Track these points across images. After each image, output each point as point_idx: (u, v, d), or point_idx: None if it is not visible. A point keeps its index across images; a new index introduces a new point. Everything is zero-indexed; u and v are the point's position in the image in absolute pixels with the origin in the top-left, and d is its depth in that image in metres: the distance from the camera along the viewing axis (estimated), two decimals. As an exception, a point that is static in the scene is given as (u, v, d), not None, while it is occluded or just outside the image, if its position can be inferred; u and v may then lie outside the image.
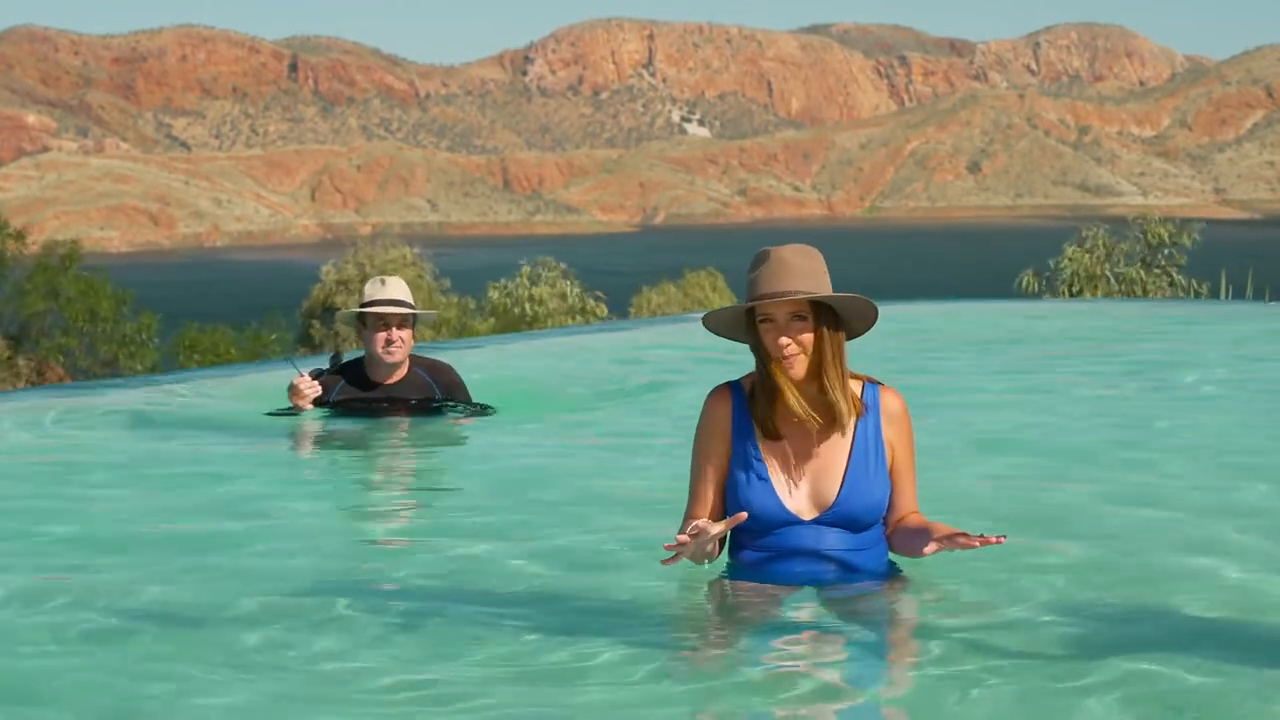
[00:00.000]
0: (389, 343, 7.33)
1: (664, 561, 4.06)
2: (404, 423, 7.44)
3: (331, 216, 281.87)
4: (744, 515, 4.08)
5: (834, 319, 4.20)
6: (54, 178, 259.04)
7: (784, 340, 4.14)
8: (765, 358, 4.19)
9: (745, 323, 4.24)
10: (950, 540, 4.04)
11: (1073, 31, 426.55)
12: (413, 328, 7.43)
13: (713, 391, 4.32)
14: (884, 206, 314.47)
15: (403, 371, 7.48)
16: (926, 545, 4.11)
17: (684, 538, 3.99)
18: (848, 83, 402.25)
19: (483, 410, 7.68)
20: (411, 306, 7.37)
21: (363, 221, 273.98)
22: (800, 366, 4.16)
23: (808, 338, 4.16)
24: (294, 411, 7.52)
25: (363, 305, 7.41)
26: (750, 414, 4.26)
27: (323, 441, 7.42)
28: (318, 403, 7.50)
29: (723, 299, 45.90)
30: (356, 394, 7.47)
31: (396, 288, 7.40)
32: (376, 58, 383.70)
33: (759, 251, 4.23)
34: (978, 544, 3.97)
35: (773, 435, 4.24)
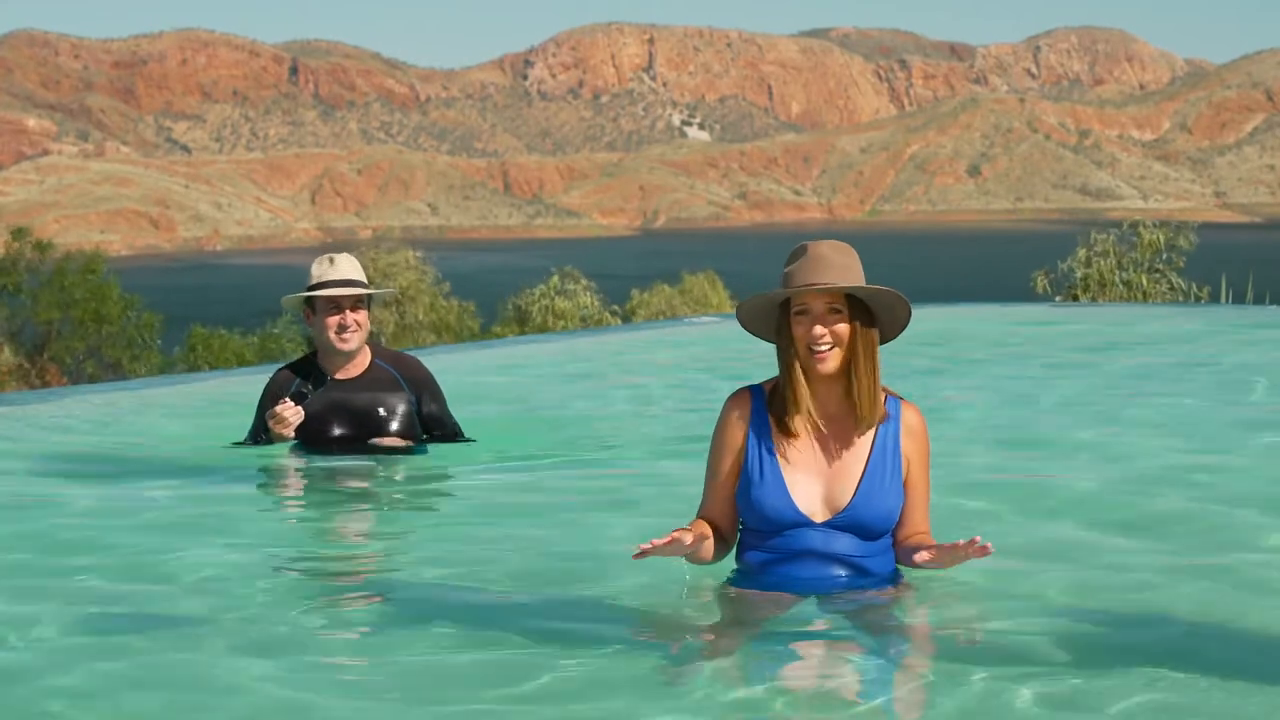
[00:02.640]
0: (343, 328, 6.40)
1: (634, 556, 4.02)
2: (378, 441, 6.55)
3: (332, 220, 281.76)
4: (709, 533, 4.17)
5: (868, 318, 4.18)
6: (54, 181, 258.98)
7: (819, 330, 4.12)
8: (794, 353, 4.16)
9: (776, 317, 4.23)
10: (939, 556, 4.10)
11: (1073, 35, 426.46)
12: (369, 309, 6.51)
13: (732, 394, 4.31)
14: (884, 210, 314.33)
15: (362, 364, 6.55)
16: (918, 554, 4.16)
17: (649, 546, 4.00)
18: (848, 86, 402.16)
19: (454, 437, 6.79)
20: (365, 285, 6.49)
21: (363, 225, 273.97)
22: (833, 360, 4.14)
23: (843, 330, 4.13)
24: (266, 442, 6.59)
25: (310, 288, 6.49)
26: (768, 416, 4.24)
27: (287, 472, 6.60)
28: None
29: (722, 301, 45.87)
30: (318, 395, 6.52)
31: (346, 266, 6.50)
32: (377, 61, 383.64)
33: (797, 246, 4.23)
34: (963, 547, 4.02)
35: (792, 435, 4.20)
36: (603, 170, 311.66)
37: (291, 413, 6.37)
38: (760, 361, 4.35)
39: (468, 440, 6.77)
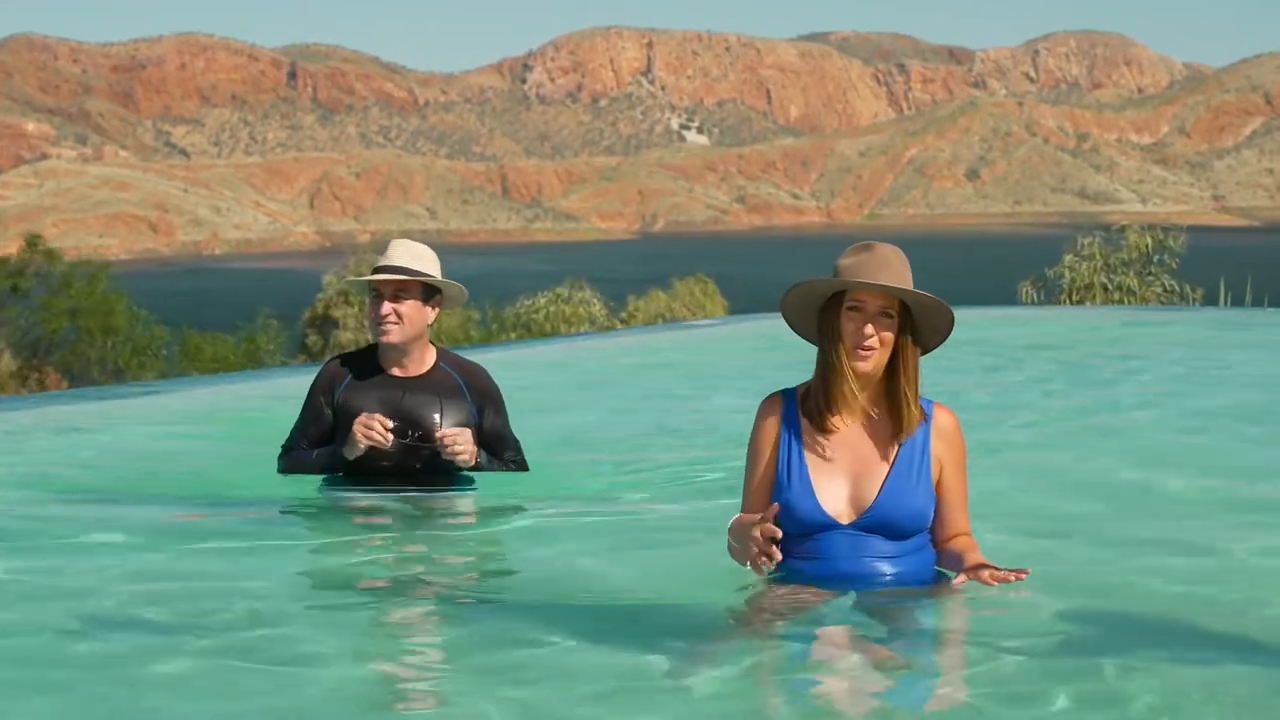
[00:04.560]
0: (383, 317, 5.84)
1: (770, 567, 4.05)
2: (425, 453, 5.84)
3: (330, 224, 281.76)
4: (776, 507, 4.07)
5: (915, 328, 4.22)
6: (53, 185, 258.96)
7: (868, 330, 4.13)
8: (836, 348, 4.19)
9: (817, 310, 4.25)
10: (974, 573, 4.12)
11: (1071, 39, 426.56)
12: (424, 301, 5.92)
13: (766, 398, 4.33)
14: (883, 214, 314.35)
15: (424, 363, 5.96)
16: (956, 578, 4.18)
17: (774, 556, 4.00)
18: (846, 90, 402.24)
19: (510, 457, 6.08)
20: (418, 274, 5.88)
21: (361, 229, 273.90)
22: (873, 362, 4.16)
23: (889, 336, 4.15)
24: (315, 449, 5.96)
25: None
26: (800, 419, 4.27)
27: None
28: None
29: (715, 305, 45.84)
30: (371, 387, 5.91)
31: (400, 251, 5.95)
32: (375, 65, 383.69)
33: (858, 242, 4.24)
34: (994, 584, 4.08)
35: (824, 435, 4.24)
36: (601, 174, 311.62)
37: (380, 435, 5.75)
38: (769, 361, 4.90)
39: (521, 467, 6.07)
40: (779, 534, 3.97)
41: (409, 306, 5.86)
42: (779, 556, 4.01)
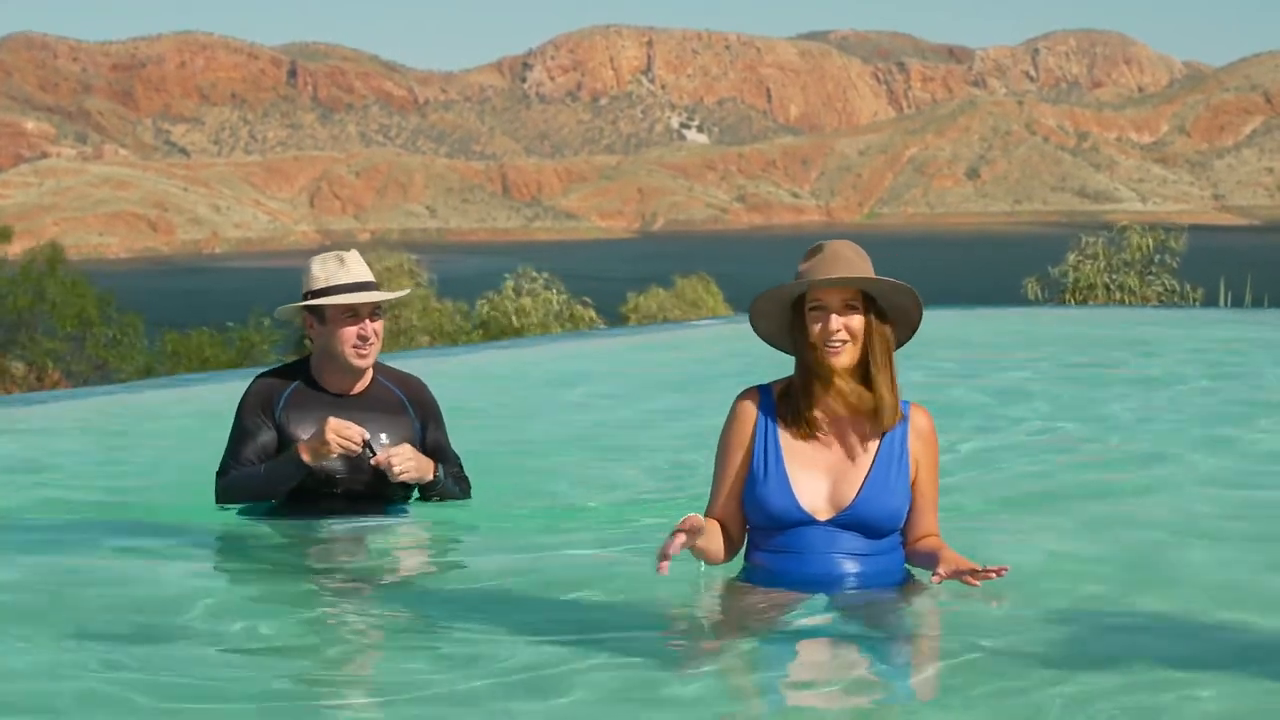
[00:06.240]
0: (362, 339, 5.37)
1: (659, 571, 4.01)
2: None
3: (330, 223, 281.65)
4: (717, 529, 4.21)
5: (882, 316, 4.23)
6: (53, 184, 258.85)
7: (835, 325, 4.16)
8: (808, 350, 4.21)
9: (788, 317, 4.27)
10: (955, 574, 4.10)
11: (1071, 38, 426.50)
12: (383, 317, 5.49)
13: (741, 393, 4.33)
14: (883, 213, 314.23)
15: (364, 380, 5.51)
16: (932, 576, 4.16)
17: (665, 560, 3.98)
18: (846, 89, 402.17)
19: (452, 487, 5.63)
20: (380, 288, 5.46)
21: (361, 228, 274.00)
22: (846, 355, 4.18)
23: (858, 326, 4.18)
24: (263, 488, 5.40)
25: (314, 292, 5.42)
26: (777, 416, 4.27)
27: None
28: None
29: (716, 303, 45.76)
30: (313, 406, 5.43)
31: (359, 266, 5.42)
32: (375, 64, 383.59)
33: (813, 245, 4.27)
34: (977, 583, 4.09)
35: (800, 434, 4.24)
36: (601, 173, 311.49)
37: (356, 444, 5.24)
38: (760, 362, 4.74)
39: (466, 484, 5.68)
40: (663, 568, 3.98)
41: (381, 325, 5.44)
42: (663, 571, 3.98)
